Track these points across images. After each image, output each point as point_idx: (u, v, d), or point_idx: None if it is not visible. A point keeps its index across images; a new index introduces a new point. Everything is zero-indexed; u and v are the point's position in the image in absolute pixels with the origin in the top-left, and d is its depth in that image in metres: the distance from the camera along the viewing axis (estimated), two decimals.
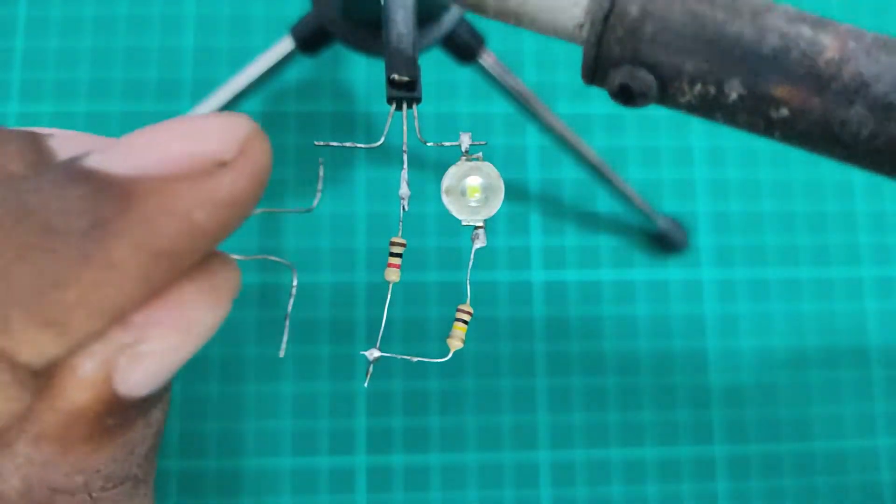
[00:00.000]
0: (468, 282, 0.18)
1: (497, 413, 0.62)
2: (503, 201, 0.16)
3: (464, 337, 0.16)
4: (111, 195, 0.11)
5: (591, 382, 0.63)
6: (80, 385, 0.11)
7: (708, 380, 0.63)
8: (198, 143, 0.11)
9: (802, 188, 0.67)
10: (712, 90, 0.14)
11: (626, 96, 0.15)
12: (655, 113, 0.67)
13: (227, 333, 0.61)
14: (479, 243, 0.17)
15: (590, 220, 0.65)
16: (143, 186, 0.11)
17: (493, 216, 0.16)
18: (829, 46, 0.14)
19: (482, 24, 0.48)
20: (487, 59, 0.48)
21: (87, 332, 0.11)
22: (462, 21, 0.44)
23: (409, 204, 0.17)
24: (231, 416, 0.60)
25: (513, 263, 0.64)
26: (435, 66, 0.64)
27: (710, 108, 0.14)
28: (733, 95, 0.14)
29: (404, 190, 0.16)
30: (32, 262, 0.10)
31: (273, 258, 0.17)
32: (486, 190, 0.16)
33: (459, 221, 0.16)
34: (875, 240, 0.67)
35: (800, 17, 0.14)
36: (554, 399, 0.62)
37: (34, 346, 0.10)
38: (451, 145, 0.17)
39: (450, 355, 0.16)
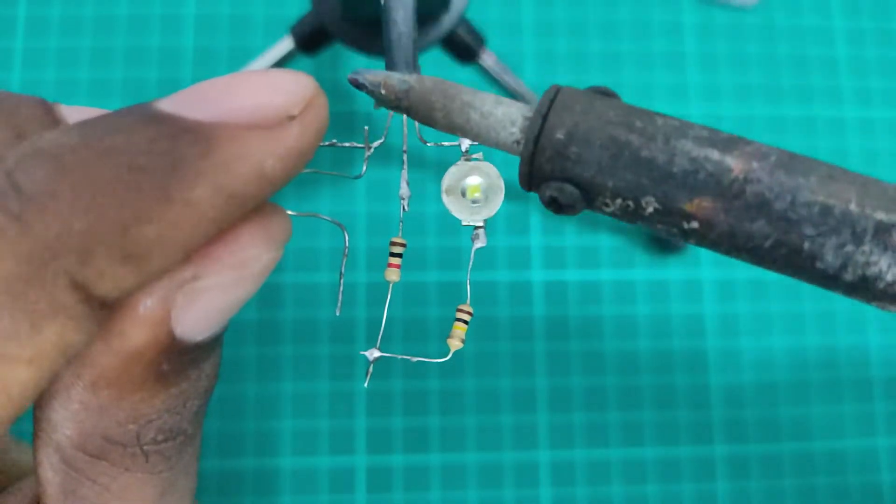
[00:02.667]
0: (468, 282, 0.18)
1: (497, 413, 0.62)
2: (503, 201, 0.16)
3: (464, 337, 0.16)
4: (190, 138, 0.11)
5: (591, 382, 0.63)
6: (139, 323, 0.12)
7: (708, 380, 0.63)
8: (269, 96, 0.12)
9: None
10: (631, 205, 0.16)
11: (556, 207, 0.17)
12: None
13: (226, 333, 0.61)
14: (480, 243, 0.17)
15: (590, 220, 0.65)
16: (221, 133, 0.11)
17: (493, 216, 0.16)
18: (734, 168, 0.16)
19: (482, 24, 0.48)
20: (487, 59, 0.48)
21: (161, 268, 0.11)
22: (462, 21, 0.44)
23: (409, 204, 0.17)
24: (230, 416, 0.60)
25: (513, 263, 0.64)
26: (435, 66, 0.64)
27: (631, 218, 0.16)
28: (650, 209, 0.16)
29: (404, 190, 0.16)
30: (117, 197, 0.10)
31: (322, 216, 0.17)
32: (487, 190, 0.16)
33: (459, 221, 0.16)
34: None
35: (710, 140, 0.16)
36: (554, 399, 0.62)
37: (112, 280, 0.11)
38: (451, 145, 0.17)
39: (450, 355, 0.16)
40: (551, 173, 0.16)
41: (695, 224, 0.15)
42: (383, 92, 0.15)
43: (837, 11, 0.70)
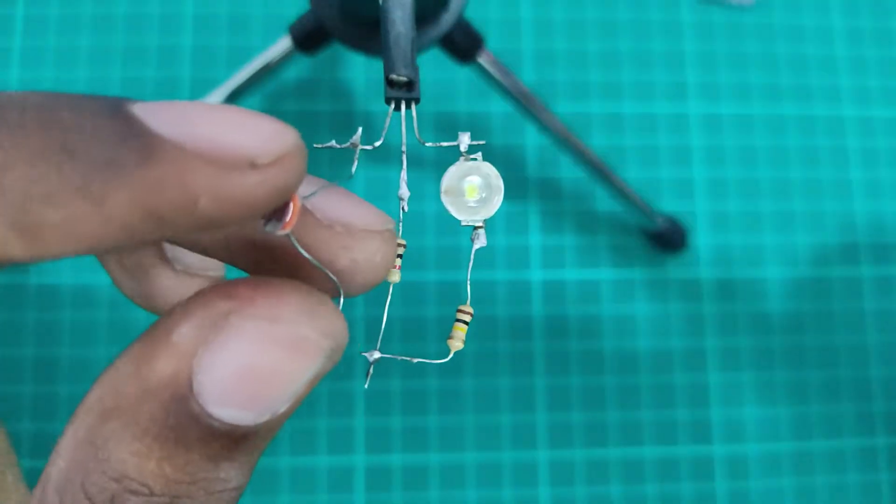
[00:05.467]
0: (468, 282, 0.18)
1: (496, 412, 0.62)
2: (502, 201, 0.16)
3: (464, 338, 0.16)
4: (136, 144, 0.11)
5: (589, 382, 0.63)
6: (168, 351, 0.11)
7: (706, 379, 0.63)
8: (239, 135, 0.11)
9: (801, 188, 0.67)
10: None
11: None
12: (654, 112, 0.67)
13: None
14: (479, 243, 0.16)
15: (589, 220, 0.65)
16: (169, 151, 0.11)
17: (493, 216, 0.16)
18: None
19: (481, 23, 0.48)
20: (486, 58, 0.48)
21: (56, 254, 0.11)
22: (461, 21, 0.44)
23: (408, 204, 0.17)
24: None
25: (512, 263, 0.64)
26: (434, 66, 0.64)
27: None
28: None
29: (403, 191, 0.16)
30: (35, 169, 0.10)
31: (314, 262, 0.17)
32: (486, 190, 0.16)
33: (459, 221, 0.16)
34: (873, 240, 0.67)
35: None
36: (553, 398, 0.62)
37: (1, 246, 0.10)
38: (450, 145, 0.17)
39: (450, 356, 0.16)
40: None
41: None
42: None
43: (836, 11, 0.70)
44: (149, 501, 0.11)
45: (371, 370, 0.16)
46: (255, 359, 0.11)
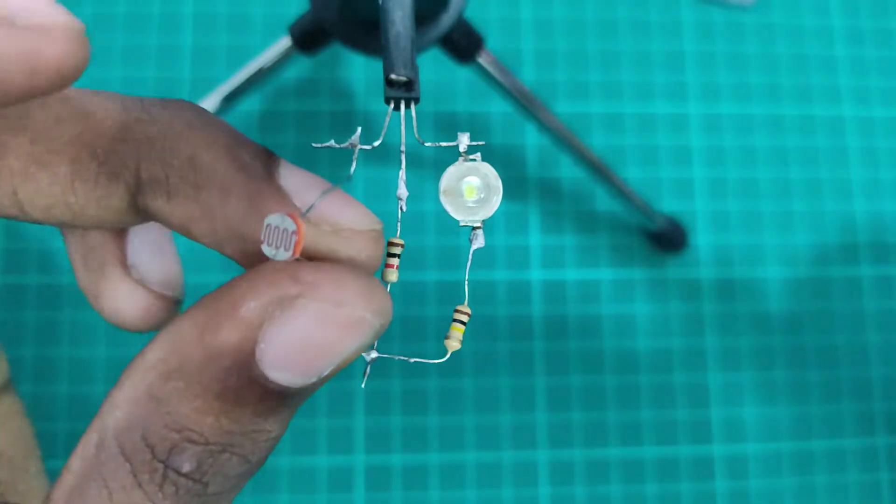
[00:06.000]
0: (466, 282, 0.18)
1: (496, 412, 0.62)
2: (502, 201, 0.16)
3: (461, 338, 0.16)
4: (256, 204, 0.14)
5: (589, 381, 0.63)
6: (236, 322, 0.12)
7: (706, 379, 0.63)
8: (346, 219, 0.15)
9: (801, 188, 0.67)
10: None
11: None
12: (654, 112, 0.67)
13: None
14: (478, 244, 0.16)
15: (588, 220, 0.65)
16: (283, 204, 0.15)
17: (492, 216, 0.16)
18: None
19: (481, 23, 0.48)
20: (486, 58, 0.48)
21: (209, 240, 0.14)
22: (460, 21, 0.44)
23: (407, 204, 0.17)
24: None
25: (511, 263, 0.64)
26: (433, 66, 0.64)
27: None
28: None
29: (402, 191, 0.16)
30: (235, 177, 0.15)
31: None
32: (484, 190, 0.16)
33: (458, 221, 0.16)
34: (873, 239, 0.67)
35: None
36: (552, 398, 0.62)
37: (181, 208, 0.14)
38: (449, 145, 0.17)
39: (447, 356, 0.16)
40: None
41: None
42: None
43: (836, 11, 0.70)
44: (205, 450, 0.13)
45: (368, 369, 0.16)
46: (316, 334, 0.13)
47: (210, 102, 0.52)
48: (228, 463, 0.13)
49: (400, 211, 0.16)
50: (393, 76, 0.18)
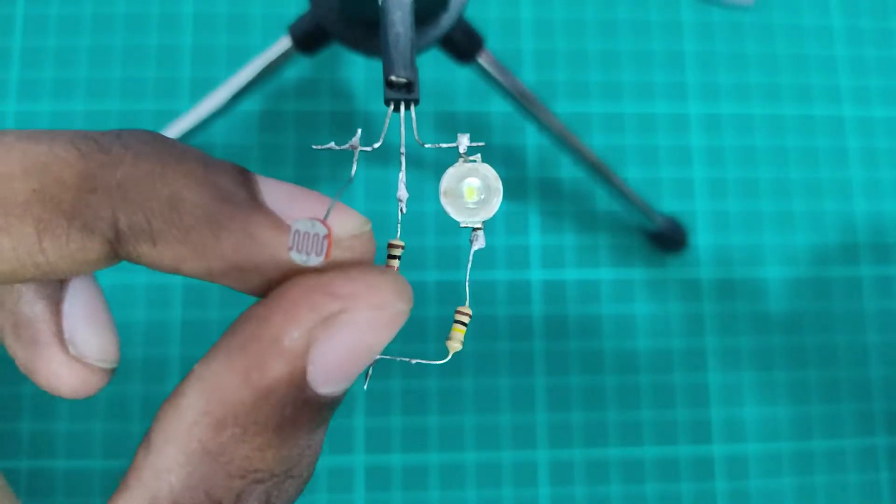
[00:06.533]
0: (467, 283, 0.18)
1: (496, 412, 0.62)
2: (502, 201, 0.16)
3: (462, 339, 0.16)
4: (247, 228, 0.13)
5: (589, 381, 0.63)
6: (281, 355, 0.12)
7: (706, 379, 0.63)
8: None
9: (801, 188, 0.67)
10: None
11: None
12: (654, 112, 0.67)
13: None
14: (478, 244, 0.16)
15: (588, 220, 0.65)
16: (265, 239, 0.13)
17: (492, 216, 0.16)
18: None
19: (481, 23, 0.48)
20: (486, 58, 0.48)
21: (190, 271, 0.14)
22: (460, 21, 0.44)
23: (407, 205, 0.17)
24: None
25: (511, 263, 0.64)
26: (433, 67, 0.64)
27: None
28: None
29: (402, 193, 0.16)
30: (203, 199, 0.14)
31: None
32: (484, 191, 0.16)
33: (458, 222, 0.16)
34: (873, 239, 0.67)
35: None
36: (552, 398, 0.62)
37: (142, 239, 0.13)
38: (449, 147, 0.17)
39: (448, 357, 0.16)
40: None
41: None
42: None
43: (836, 11, 0.70)
44: (271, 484, 0.13)
45: (370, 370, 0.16)
46: (366, 341, 0.13)
47: (210, 103, 0.52)
48: (292, 486, 0.13)
49: (400, 212, 0.16)
50: (393, 78, 0.18)
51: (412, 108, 0.18)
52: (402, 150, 0.17)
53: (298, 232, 0.13)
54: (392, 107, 0.18)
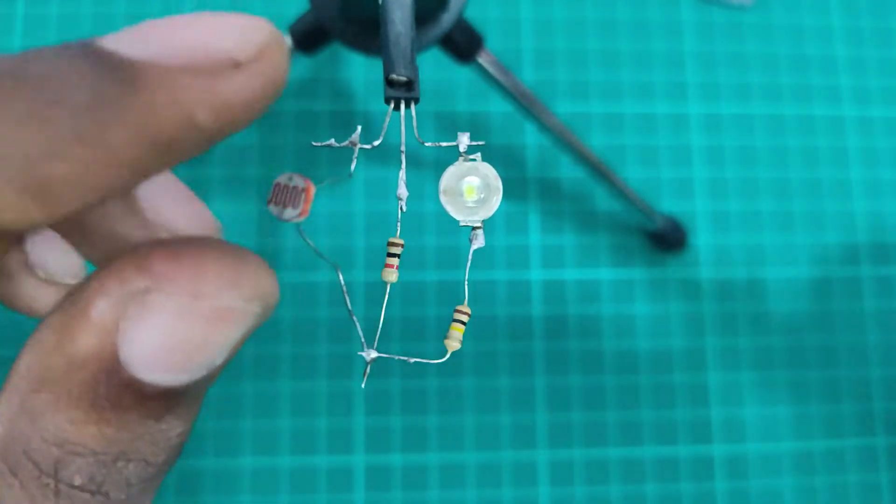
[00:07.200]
0: (466, 282, 0.18)
1: (495, 412, 0.62)
2: (502, 201, 0.16)
3: (461, 338, 0.16)
4: (118, 76, 0.10)
5: (589, 381, 0.63)
6: (89, 327, 0.11)
7: (706, 379, 0.63)
8: (214, 38, 0.11)
9: (800, 188, 0.67)
10: None
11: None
12: (654, 112, 0.67)
13: None
14: (477, 244, 0.16)
15: (588, 220, 0.65)
16: (152, 73, 0.10)
17: (492, 215, 0.16)
18: None
19: (481, 23, 0.48)
20: (486, 58, 0.48)
21: (73, 208, 0.10)
22: (460, 21, 0.44)
23: (407, 204, 0.17)
24: (229, 415, 0.60)
25: (511, 262, 0.64)
26: (433, 66, 0.64)
27: None
28: None
29: (402, 191, 0.16)
30: (26, 131, 0.10)
31: (318, 253, 0.17)
32: (484, 190, 0.16)
33: (458, 221, 0.16)
34: (873, 239, 0.67)
35: None
36: (552, 398, 0.62)
37: (16, 212, 0.10)
38: (449, 145, 0.17)
39: (447, 356, 0.16)
40: None
41: None
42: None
43: (836, 10, 0.70)
44: (94, 461, 0.11)
45: (368, 369, 0.16)
46: (179, 332, 0.11)
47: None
48: (127, 469, 0.12)
49: (400, 211, 0.16)
50: (393, 76, 0.18)
51: (412, 106, 0.18)
52: (403, 148, 0.17)
53: (279, 185, 0.12)
54: (392, 105, 0.18)
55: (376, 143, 0.17)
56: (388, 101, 0.18)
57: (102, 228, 0.15)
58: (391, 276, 0.16)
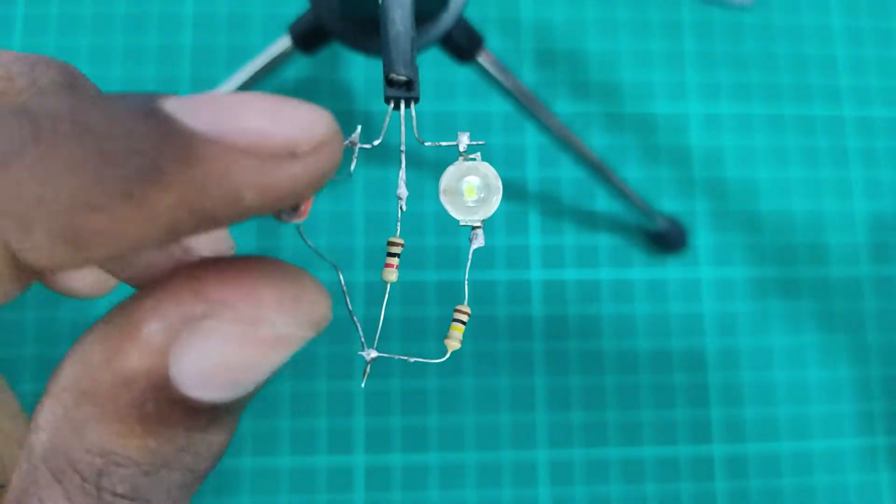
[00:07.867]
0: (466, 282, 0.18)
1: (495, 412, 0.62)
2: (502, 201, 0.16)
3: (461, 338, 0.16)
4: (176, 145, 0.10)
5: (589, 381, 0.63)
6: (139, 346, 0.11)
7: (706, 379, 0.63)
8: (278, 126, 0.11)
9: (800, 188, 0.67)
10: None
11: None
12: (654, 112, 0.67)
13: None
14: (477, 243, 0.16)
15: (588, 220, 0.65)
16: (211, 149, 0.11)
17: (492, 215, 0.16)
18: None
19: (481, 23, 0.48)
20: (486, 58, 0.48)
21: (99, 257, 0.11)
22: (460, 21, 0.44)
23: (407, 203, 0.17)
24: None
25: (511, 262, 0.64)
26: (433, 66, 0.64)
27: None
28: None
29: (402, 190, 0.16)
30: (74, 179, 0.10)
31: (319, 254, 0.17)
32: (484, 190, 0.16)
33: (458, 221, 0.16)
34: (873, 239, 0.67)
35: None
36: (552, 398, 0.62)
37: (46, 256, 0.10)
38: (449, 145, 0.17)
39: (447, 356, 0.16)
40: None
41: None
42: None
43: (836, 10, 0.70)
44: (137, 471, 0.12)
45: (368, 369, 0.16)
46: (233, 357, 0.11)
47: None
48: (169, 478, 0.12)
49: (400, 210, 0.16)
50: (393, 76, 0.18)
51: (412, 106, 0.18)
52: (402, 147, 0.17)
53: None
54: (392, 105, 0.18)
55: (376, 142, 0.17)
56: (387, 101, 0.18)
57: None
58: (391, 275, 0.16)
